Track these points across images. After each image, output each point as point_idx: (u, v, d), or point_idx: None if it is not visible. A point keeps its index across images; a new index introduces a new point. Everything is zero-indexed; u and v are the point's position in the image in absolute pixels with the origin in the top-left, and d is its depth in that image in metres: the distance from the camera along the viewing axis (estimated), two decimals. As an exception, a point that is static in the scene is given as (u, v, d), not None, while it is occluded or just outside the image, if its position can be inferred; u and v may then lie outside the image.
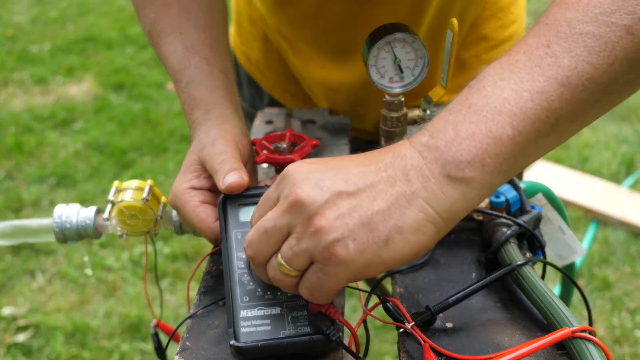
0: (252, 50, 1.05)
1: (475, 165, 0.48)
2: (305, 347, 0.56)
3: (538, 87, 0.48)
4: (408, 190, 0.48)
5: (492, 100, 0.49)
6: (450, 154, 0.48)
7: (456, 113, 0.50)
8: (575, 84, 0.48)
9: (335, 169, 0.51)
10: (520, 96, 0.48)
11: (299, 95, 1.04)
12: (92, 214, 0.71)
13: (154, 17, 0.78)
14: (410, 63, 0.67)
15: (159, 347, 0.81)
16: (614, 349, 1.82)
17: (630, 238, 2.21)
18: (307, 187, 0.49)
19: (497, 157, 0.48)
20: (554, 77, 0.48)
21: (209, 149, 0.67)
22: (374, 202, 0.48)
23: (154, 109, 3.12)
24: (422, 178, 0.48)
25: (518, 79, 0.49)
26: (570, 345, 0.53)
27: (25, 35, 3.93)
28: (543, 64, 0.49)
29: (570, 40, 0.49)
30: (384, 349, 1.87)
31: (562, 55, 0.48)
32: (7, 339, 1.90)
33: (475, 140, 0.48)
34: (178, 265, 2.16)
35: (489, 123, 0.48)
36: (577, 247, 0.76)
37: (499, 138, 0.48)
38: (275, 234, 0.51)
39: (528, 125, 0.48)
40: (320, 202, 0.48)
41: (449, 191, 0.48)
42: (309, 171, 0.51)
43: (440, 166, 0.48)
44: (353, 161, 0.52)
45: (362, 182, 0.49)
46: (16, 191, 2.52)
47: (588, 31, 0.48)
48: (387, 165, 0.50)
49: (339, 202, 0.48)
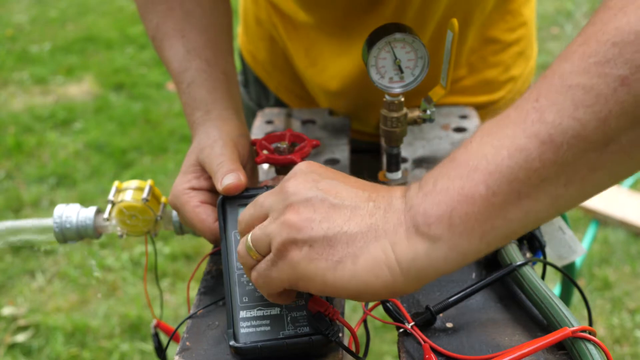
0: (258, 50, 1.06)
1: (443, 222, 0.46)
2: (305, 347, 0.56)
3: (518, 144, 0.45)
4: (381, 226, 0.48)
5: (472, 156, 0.47)
6: (423, 206, 0.47)
7: (441, 167, 0.49)
8: (559, 141, 0.44)
9: (336, 180, 0.51)
10: (498, 153, 0.45)
11: (304, 96, 1.04)
12: (92, 214, 0.71)
13: (157, 22, 0.78)
14: (410, 63, 0.67)
15: (159, 347, 0.81)
16: (614, 349, 1.82)
17: (630, 238, 2.21)
18: (301, 180, 0.51)
19: (468, 217, 0.45)
20: (535, 135, 0.44)
21: (208, 150, 0.67)
22: (347, 222, 0.48)
23: (154, 109, 3.12)
24: (397, 222, 0.48)
25: (502, 136, 0.46)
26: (570, 345, 0.53)
27: (25, 35, 3.93)
28: (528, 119, 0.45)
29: (558, 94, 0.45)
30: (384, 349, 1.87)
31: (547, 110, 0.45)
32: (7, 339, 1.90)
33: (446, 195, 0.46)
34: (178, 265, 2.16)
35: (463, 179, 0.46)
36: (577, 247, 0.76)
37: (470, 196, 0.45)
38: (258, 211, 0.53)
39: (504, 184, 0.45)
40: (302, 198, 0.49)
41: (414, 244, 0.47)
42: (315, 170, 0.52)
43: (412, 217, 0.47)
44: (356, 183, 0.52)
45: (349, 201, 0.49)
46: (16, 191, 2.52)
47: (578, 83, 0.44)
48: (378, 199, 0.50)
49: (319, 207, 0.49)
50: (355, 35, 0.89)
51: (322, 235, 0.48)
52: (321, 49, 0.93)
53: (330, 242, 0.48)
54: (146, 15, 0.80)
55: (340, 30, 0.90)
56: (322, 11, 0.90)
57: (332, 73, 0.93)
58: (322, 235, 0.48)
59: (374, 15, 0.86)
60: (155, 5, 0.79)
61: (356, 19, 0.87)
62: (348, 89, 0.93)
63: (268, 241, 0.50)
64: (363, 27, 0.87)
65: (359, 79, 0.90)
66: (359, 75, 0.90)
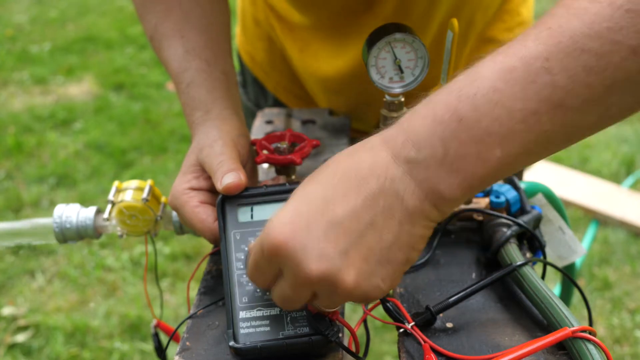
0: (256, 50, 1.06)
1: (464, 186, 0.48)
2: (305, 347, 0.56)
3: (531, 108, 0.46)
4: (407, 215, 0.48)
5: (483, 116, 0.47)
6: (441, 175, 0.47)
7: (444, 124, 0.47)
8: (570, 105, 0.46)
9: (324, 226, 0.48)
10: (511, 117, 0.46)
11: (302, 96, 1.04)
12: (92, 214, 0.71)
13: (156, 22, 0.78)
14: (411, 63, 0.67)
15: (159, 347, 0.81)
16: (614, 349, 1.82)
17: (630, 238, 2.21)
18: (314, 263, 0.47)
19: (485, 177, 0.48)
20: (549, 98, 0.46)
21: (208, 150, 0.67)
22: (382, 240, 0.48)
23: (154, 109, 3.12)
24: (417, 200, 0.48)
25: (511, 95, 0.46)
26: (570, 345, 0.53)
27: (25, 35, 3.93)
28: (539, 80, 0.46)
29: (570, 57, 0.45)
30: (384, 349, 1.87)
31: (560, 74, 0.45)
32: (7, 339, 1.90)
33: (465, 163, 0.47)
34: (178, 265, 2.16)
35: (479, 145, 0.47)
36: (577, 247, 0.76)
37: (487, 160, 0.47)
38: (297, 302, 0.51)
39: (517, 146, 0.47)
40: (336, 272, 0.47)
41: (441, 206, 0.49)
42: (301, 244, 0.47)
43: (432, 187, 0.48)
44: (336, 201, 0.48)
45: (361, 227, 0.48)
46: (16, 191, 2.52)
47: (591, 48, 0.44)
48: (376, 196, 0.48)
49: (352, 258, 0.48)
50: (349, 36, 0.89)
51: (378, 266, 0.49)
52: (316, 50, 0.93)
53: (388, 261, 0.49)
54: (144, 15, 0.80)
55: (335, 31, 0.90)
56: (316, 12, 0.90)
57: (328, 73, 0.93)
58: (378, 266, 0.49)
59: (369, 16, 0.86)
60: (153, 6, 0.78)
61: (351, 19, 0.87)
62: (345, 88, 0.93)
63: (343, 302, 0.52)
64: (357, 27, 0.87)
65: (355, 78, 0.90)
66: (355, 75, 0.90)
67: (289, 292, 0.50)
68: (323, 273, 0.47)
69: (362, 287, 0.48)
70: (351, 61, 0.89)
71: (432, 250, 0.69)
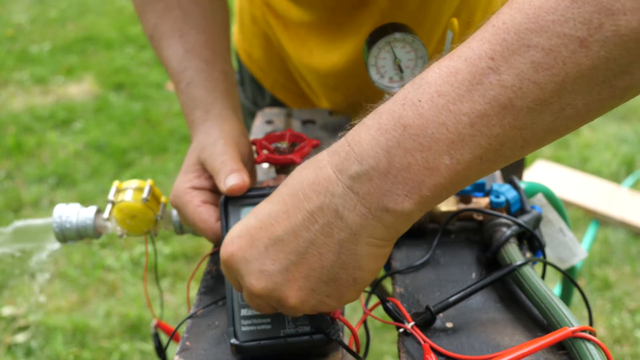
0: (253, 48, 1.06)
1: (413, 197, 0.45)
2: (306, 346, 0.56)
3: (478, 110, 0.43)
4: (348, 234, 0.47)
5: (429, 122, 0.44)
6: (386, 187, 0.45)
7: (388, 134, 0.45)
8: (520, 106, 0.43)
9: (265, 242, 0.49)
10: (458, 121, 0.44)
11: (300, 93, 1.04)
12: (92, 214, 0.71)
13: (155, 21, 0.78)
14: (410, 63, 0.67)
15: (159, 347, 0.81)
16: (614, 349, 1.82)
17: (630, 238, 2.21)
18: (255, 279, 0.50)
19: (435, 187, 0.45)
20: (496, 99, 0.43)
21: (210, 149, 0.67)
22: (323, 258, 0.48)
23: (154, 109, 3.12)
24: (359, 217, 0.46)
25: (457, 97, 0.44)
26: (570, 345, 0.53)
27: (25, 35, 3.93)
28: (485, 81, 0.43)
29: (516, 54, 0.42)
30: (384, 349, 1.87)
31: (506, 72, 0.43)
32: (7, 339, 1.90)
33: (411, 172, 0.45)
34: (178, 265, 2.16)
35: (425, 152, 0.44)
36: (578, 249, 0.76)
37: (436, 169, 0.45)
38: (262, 309, 0.53)
39: (467, 153, 0.44)
40: (277, 288, 0.49)
41: (388, 221, 0.46)
42: (244, 259, 0.51)
43: (376, 201, 0.46)
44: (279, 218, 0.49)
45: (301, 245, 0.48)
46: (16, 191, 2.52)
47: (537, 43, 0.42)
48: (315, 214, 0.47)
49: (292, 276, 0.49)
50: (345, 31, 0.89)
51: (323, 284, 0.50)
52: (312, 46, 0.93)
53: (333, 280, 0.49)
54: (144, 14, 0.80)
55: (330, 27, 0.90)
56: (313, 7, 0.89)
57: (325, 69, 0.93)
58: (322, 284, 0.50)
59: (364, 12, 0.85)
60: (153, 5, 0.78)
61: (346, 15, 0.87)
62: (343, 83, 0.93)
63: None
64: (352, 23, 0.87)
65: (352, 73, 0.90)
66: (352, 70, 0.90)
67: (249, 301, 0.53)
68: (265, 288, 0.50)
69: (308, 302, 0.50)
70: (347, 56, 0.89)
71: (432, 250, 0.69)
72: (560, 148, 2.69)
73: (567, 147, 2.69)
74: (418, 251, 0.70)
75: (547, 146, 2.70)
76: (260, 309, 0.53)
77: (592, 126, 2.78)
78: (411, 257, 0.69)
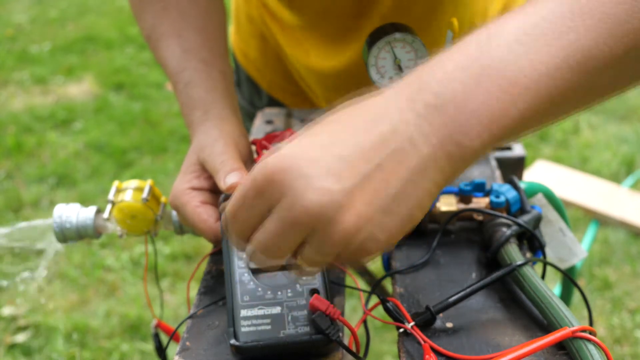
0: (250, 48, 1.06)
1: (483, 135, 0.45)
2: (305, 346, 0.56)
3: (555, 63, 0.46)
4: (418, 163, 0.45)
5: (509, 65, 0.46)
6: (460, 122, 0.45)
7: (466, 71, 0.46)
8: (592, 67, 0.46)
9: (331, 157, 0.45)
10: (535, 69, 0.46)
11: (297, 93, 1.04)
12: (92, 214, 0.71)
13: (152, 22, 0.78)
14: (410, 63, 0.67)
15: (159, 347, 0.81)
16: (614, 349, 1.82)
17: (630, 238, 2.21)
18: (314, 195, 0.43)
19: (503, 129, 0.46)
20: (572, 57, 0.46)
21: (209, 149, 0.67)
22: (388, 185, 0.45)
23: (154, 109, 3.12)
24: (431, 147, 0.45)
25: (537, 49, 0.46)
26: (570, 345, 0.53)
27: (25, 35, 3.93)
28: (564, 38, 0.46)
29: (594, 19, 0.46)
30: (384, 349, 1.87)
31: (585, 34, 0.46)
32: (7, 339, 1.90)
33: (486, 110, 0.45)
34: (178, 265, 2.16)
35: (503, 95, 0.45)
36: (578, 249, 0.76)
37: (509, 111, 0.46)
38: (284, 248, 0.46)
39: (538, 103, 0.46)
40: (335, 207, 0.44)
41: (456, 157, 0.46)
42: (303, 168, 0.44)
43: (449, 134, 0.45)
44: (345, 138, 0.46)
45: (368, 167, 0.44)
46: (16, 191, 2.52)
47: (615, 13, 0.46)
48: (387, 137, 0.45)
49: (354, 199, 0.44)
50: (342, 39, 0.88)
51: (381, 213, 0.45)
52: (308, 49, 0.93)
53: (392, 211, 0.45)
54: (141, 15, 0.80)
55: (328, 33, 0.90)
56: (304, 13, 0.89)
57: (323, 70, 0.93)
58: (380, 214, 0.45)
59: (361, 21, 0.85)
60: (150, 5, 0.78)
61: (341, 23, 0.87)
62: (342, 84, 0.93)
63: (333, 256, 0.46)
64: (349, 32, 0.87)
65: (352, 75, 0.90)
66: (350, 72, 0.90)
67: (275, 234, 0.45)
68: (322, 207, 0.43)
69: (360, 233, 0.45)
70: (347, 60, 0.89)
71: (432, 250, 0.69)
72: (560, 148, 2.69)
73: (567, 147, 2.69)
74: (418, 251, 0.70)
75: (547, 146, 2.70)
76: (281, 246, 0.46)
77: (592, 126, 2.79)
78: (411, 257, 0.69)
